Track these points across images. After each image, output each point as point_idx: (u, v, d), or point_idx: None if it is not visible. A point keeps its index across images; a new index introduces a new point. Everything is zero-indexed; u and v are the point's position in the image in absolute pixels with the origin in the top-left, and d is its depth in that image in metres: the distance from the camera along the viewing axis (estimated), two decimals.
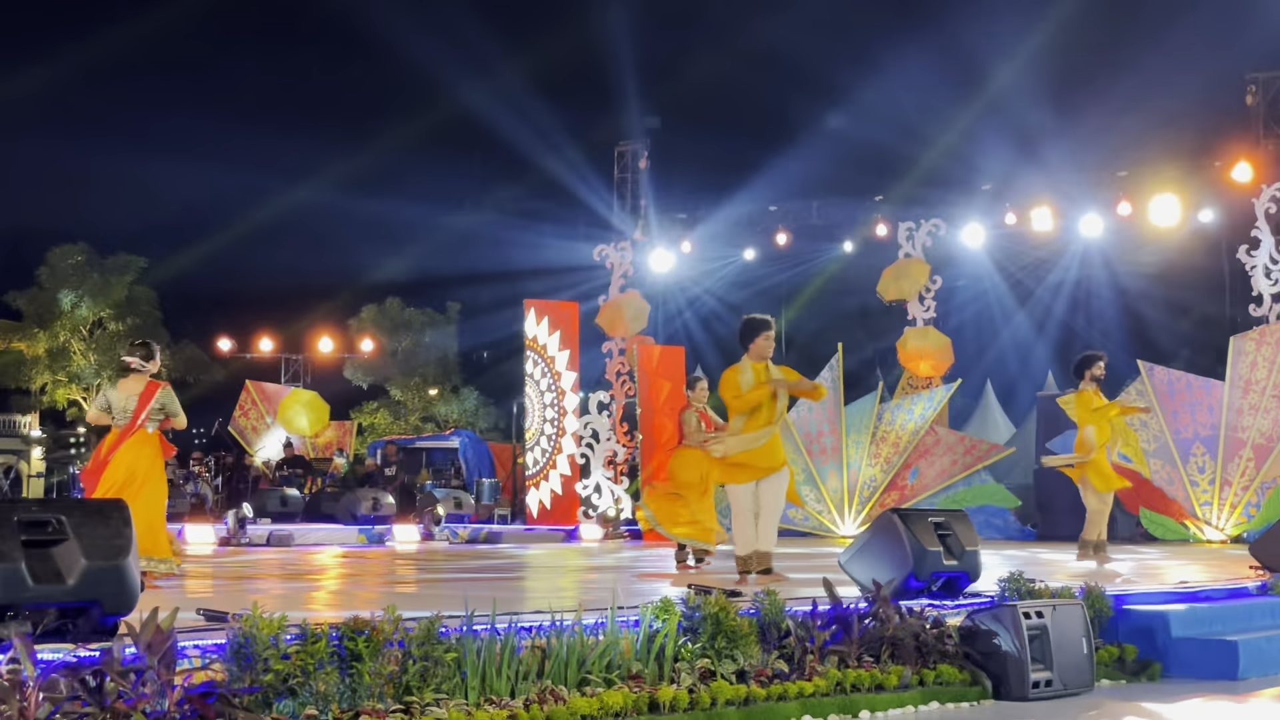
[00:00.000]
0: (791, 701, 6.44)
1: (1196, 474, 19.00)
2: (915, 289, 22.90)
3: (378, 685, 5.44)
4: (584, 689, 5.92)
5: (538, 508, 23.46)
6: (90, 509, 5.81)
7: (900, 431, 21.19)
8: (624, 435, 23.73)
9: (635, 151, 26.01)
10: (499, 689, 5.74)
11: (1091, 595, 8.31)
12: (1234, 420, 18.84)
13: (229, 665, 5.23)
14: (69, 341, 45.48)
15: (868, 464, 21.26)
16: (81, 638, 5.38)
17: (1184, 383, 19.40)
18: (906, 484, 21.11)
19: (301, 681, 5.25)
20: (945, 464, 20.99)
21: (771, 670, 6.57)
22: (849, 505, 21.29)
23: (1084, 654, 7.64)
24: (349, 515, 22.53)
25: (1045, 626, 7.46)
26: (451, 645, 5.72)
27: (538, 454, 23.54)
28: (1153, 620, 8.45)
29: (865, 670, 6.89)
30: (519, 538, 21.38)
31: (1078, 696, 7.49)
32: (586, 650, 6.10)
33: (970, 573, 8.59)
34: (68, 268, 45.31)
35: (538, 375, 23.65)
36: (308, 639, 5.31)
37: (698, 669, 6.33)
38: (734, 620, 6.57)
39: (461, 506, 25.26)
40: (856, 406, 21.69)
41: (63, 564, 5.52)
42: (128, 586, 5.66)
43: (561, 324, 23.50)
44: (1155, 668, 8.25)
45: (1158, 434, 19.22)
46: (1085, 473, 13.53)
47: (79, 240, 45.83)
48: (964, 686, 7.27)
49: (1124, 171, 22.24)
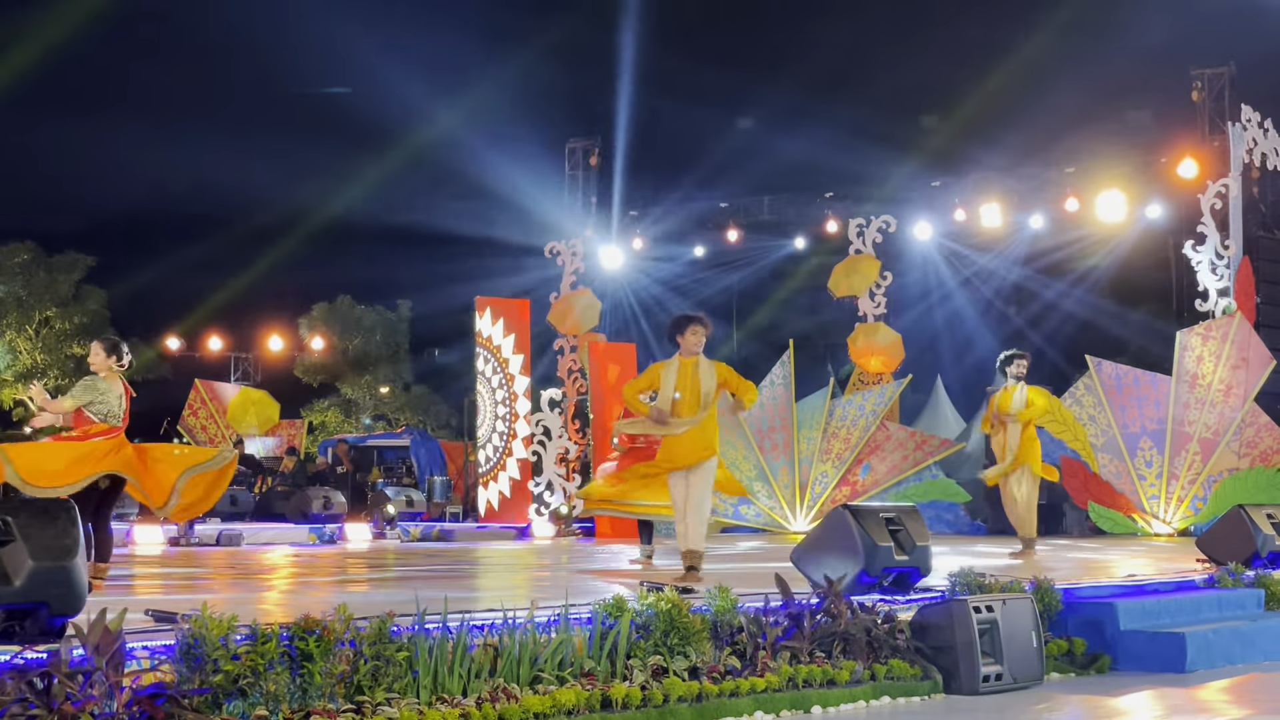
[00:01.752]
0: (744, 698, 6.46)
1: (1144, 468, 19.16)
2: (865, 285, 23.01)
3: (329, 685, 5.43)
4: (536, 687, 5.92)
5: (489, 505, 23.41)
6: (37, 510, 5.77)
7: (851, 427, 21.25)
8: (576, 432, 23.71)
9: (586, 148, 26.00)
10: (451, 688, 5.73)
11: (1041, 589, 8.37)
12: (1181, 414, 19.00)
13: (178, 666, 5.21)
14: (15, 340, 45.09)
15: (819, 460, 21.32)
16: (29, 639, 5.34)
17: (1131, 377, 19.55)
18: (858, 479, 21.18)
19: (252, 682, 5.23)
20: (896, 459, 21.08)
21: (724, 667, 6.59)
22: (800, 501, 21.35)
23: (1034, 647, 7.70)
24: (300, 514, 22.40)
25: (995, 621, 7.52)
26: (403, 644, 5.71)
27: (489, 451, 23.47)
28: (1101, 613, 8.52)
29: (817, 665, 6.92)
30: (471, 535, 21.32)
31: (1028, 689, 7.54)
32: (539, 648, 6.11)
33: (921, 568, 8.64)
34: (14, 266, 44.93)
35: (489, 373, 23.60)
36: (258, 639, 5.29)
37: (650, 666, 6.34)
38: (686, 617, 6.58)
39: (413, 504, 25.16)
40: (808, 402, 21.74)
41: (9, 565, 5.48)
42: (75, 587, 5.62)
43: (513, 321, 23.44)
44: (1104, 660, 8.31)
45: (1105, 428, 19.36)
46: (1026, 465, 13.86)
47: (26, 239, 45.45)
48: (915, 681, 7.31)
49: (1071, 168, 22.41)
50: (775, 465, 21.49)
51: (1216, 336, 18.94)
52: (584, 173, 25.92)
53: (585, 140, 26.18)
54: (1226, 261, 19.69)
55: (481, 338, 23.64)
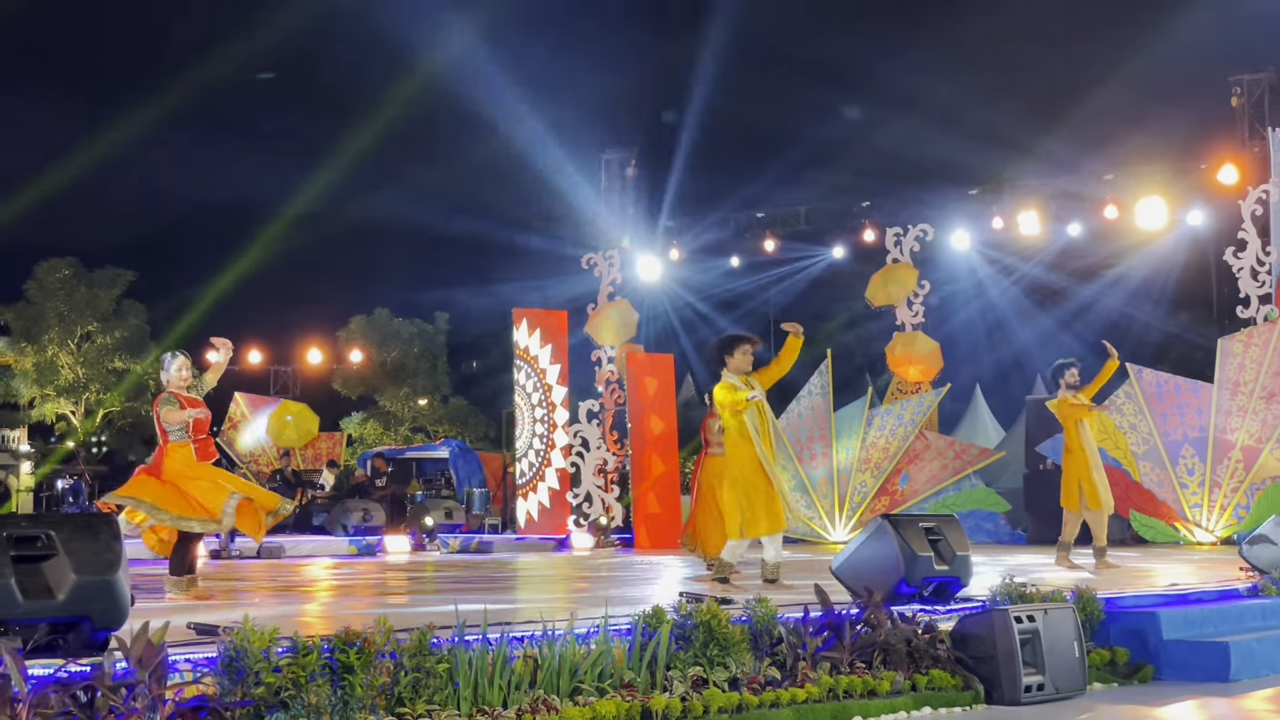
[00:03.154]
0: (784, 708, 6.44)
1: (1186, 476, 19.03)
2: (903, 294, 22.93)
3: (370, 697, 5.44)
4: (576, 698, 5.91)
5: (528, 517, 23.44)
6: (80, 524, 5.80)
7: (890, 437, 21.20)
8: (614, 443, 23.72)
9: (622, 159, 26.00)
10: (491, 699, 5.73)
11: (1083, 599, 8.32)
12: (1222, 422, 18.87)
13: (220, 679, 5.22)
14: (57, 355, 45.37)
15: (858, 469, 21.27)
16: (72, 653, 5.37)
17: (1172, 385, 19.43)
18: (897, 489, 21.12)
19: (293, 694, 5.24)
20: (935, 469, 21.00)
21: (764, 677, 6.57)
22: (840, 511, 21.29)
23: (1076, 657, 7.65)
24: (340, 527, 22.49)
25: (1037, 630, 7.47)
26: (443, 656, 5.72)
27: (528, 463, 23.52)
28: (1144, 623, 8.46)
29: (858, 676, 6.89)
30: (510, 547, 21.35)
31: (1070, 700, 7.50)
32: (579, 659, 6.10)
33: (961, 577, 8.60)
34: (55, 281, 45.24)
35: (527, 384, 23.65)
36: (299, 651, 5.31)
37: (690, 677, 6.32)
38: (726, 628, 6.57)
39: (452, 516, 25.21)
40: (846, 412, 21.70)
41: (53, 579, 5.51)
42: (118, 601, 5.65)
43: (550, 333, 23.49)
44: (1147, 670, 8.26)
45: (1147, 436, 19.25)
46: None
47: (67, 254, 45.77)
48: (956, 691, 7.28)
49: (1110, 175, 22.29)
50: (814, 475, 21.45)
51: (1258, 343, 18.80)
52: (620, 183, 25.92)
53: (622, 151, 26.19)
54: (1268, 268, 19.55)
55: (519, 349, 23.70)
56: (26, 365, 45.57)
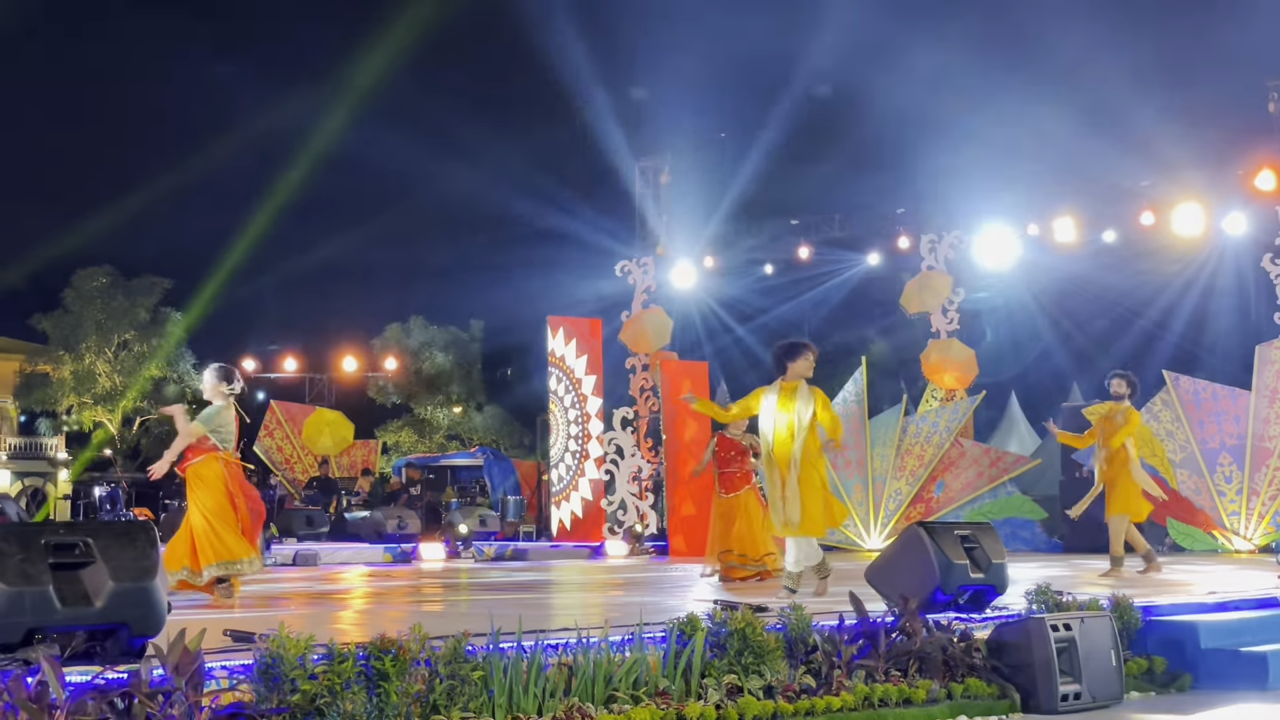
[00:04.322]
0: (819, 716, 6.43)
1: (1223, 484, 18.91)
2: (938, 301, 22.83)
3: (405, 704, 5.45)
4: (611, 706, 5.92)
5: (562, 525, 23.46)
6: (117, 531, 5.83)
7: (925, 444, 21.13)
8: (648, 451, 23.71)
9: (657, 166, 25.99)
10: (526, 707, 5.74)
11: (1120, 607, 8.28)
12: (1260, 429, 18.74)
13: (256, 686, 5.25)
14: (94, 363, 45.67)
15: (893, 477, 21.21)
16: (109, 659, 5.40)
17: (1210, 392, 19.31)
18: (932, 497, 21.05)
19: (329, 701, 5.26)
20: (971, 476, 20.93)
21: (799, 685, 6.56)
22: (874, 519, 21.23)
23: (1112, 666, 7.61)
24: (375, 534, 22.55)
25: (1073, 639, 7.44)
26: (478, 664, 5.73)
27: (562, 470, 23.54)
28: (1181, 631, 8.41)
29: (893, 684, 6.88)
30: (545, 554, 21.38)
31: (1107, 709, 7.46)
32: (613, 667, 6.10)
33: (997, 585, 8.57)
34: (92, 290, 45.55)
35: (562, 392, 23.67)
36: (335, 659, 5.33)
37: (725, 685, 6.32)
38: (760, 636, 6.56)
39: (486, 524, 25.26)
40: (881, 419, 21.64)
41: (90, 586, 5.54)
42: (155, 608, 5.68)
43: (585, 341, 23.52)
44: (1185, 679, 8.21)
45: (1184, 444, 19.14)
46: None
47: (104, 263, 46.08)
48: (992, 700, 7.25)
49: (1146, 181, 22.16)
50: (849, 482, 21.39)
51: None
52: (655, 191, 25.92)
53: (656, 158, 26.19)
54: None
55: (554, 357, 23.74)
56: (64, 373, 45.89)
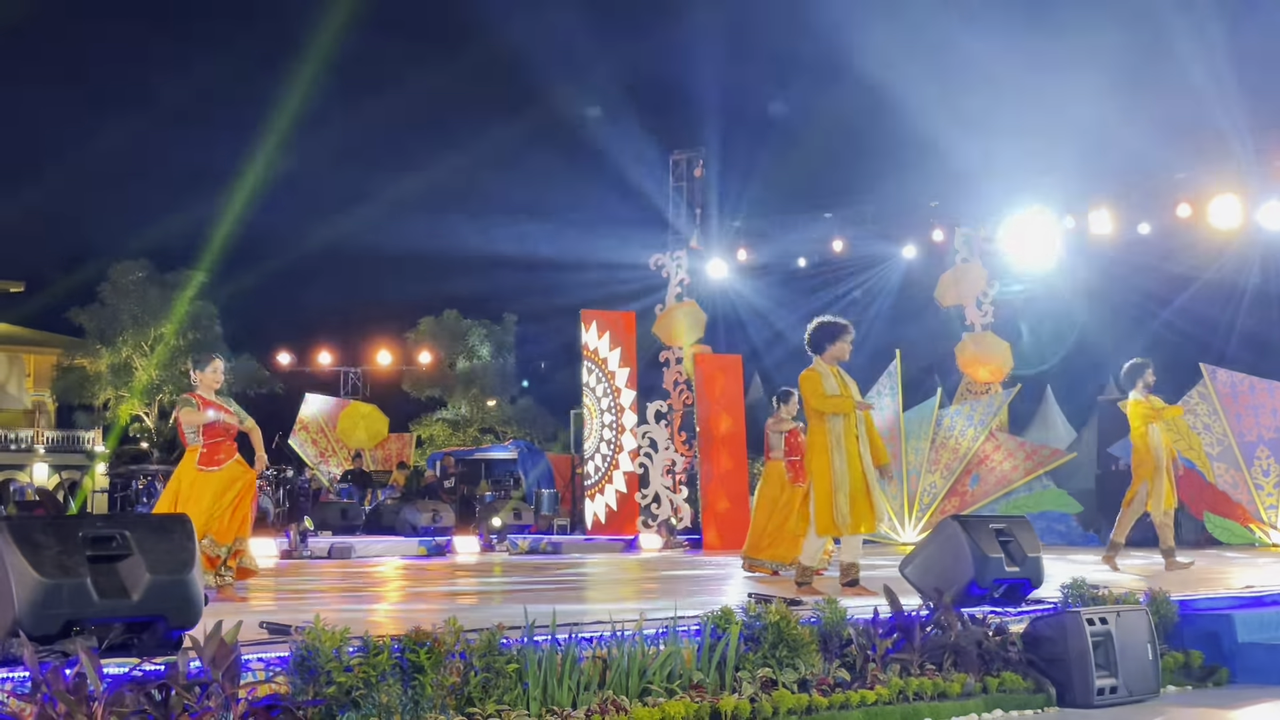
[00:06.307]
0: (854, 710, 6.42)
1: (1261, 477, 18.80)
2: (973, 294, 22.76)
3: (440, 697, 5.46)
4: (645, 699, 5.92)
5: (596, 518, 23.49)
6: (154, 524, 5.86)
7: (960, 437, 21.07)
8: (682, 444, 23.70)
9: (691, 159, 25.96)
10: (561, 700, 5.75)
11: (1156, 601, 8.24)
12: None
13: (292, 678, 5.27)
14: (131, 357, 45.91)
15: (928, 470, 21.15)
16: (147, 652, 5.42)
17: (1247, 385, 19.20)
18: (967, 490, 20.99)
19: (364, 693, 5.28)
20: (1006, 470, 20.86)
21: (833, 679, 6.55)
22: (909, 512, 21.19)
23: (1149, 660, 7.58)
24: (409, 527, 22.61)
25: (1109, 633, 7.41)
26: (513, 656, 5.74)
27: (596, 464, 23.56)
28: (1218, 625, 8.36)
29: (928, 678, 6.86)
30: (579, 548, 21.40)
31: (1143, 703, 7.43)
32: (648, 660, 6.10)
33: (1032, 579, 8.54)
34: (129, 283, 45.78)
35: (595, 385, 23.68)
36: (370, 651, 5.34)
37: (759, 678, 6.32)
38: (795, 629, 6.55)
39: (520, 517, 25.29)
40: (915, 413, 21.59)
41: (128, 579, 5.56)
42: (192, 600, 5.70)
43: (619, 334, 23.52)
44: (1222, 673, 8.17)
45: (1221, 437, 19.04)
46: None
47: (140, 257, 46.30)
48: (1028, 694, 7.23)
49: (1182, 173, 22.02)
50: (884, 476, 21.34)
51: None
52: (688, 184, 25.88)
53: (689, 151, 26.15)
54: None
55: (588, 350, 23.75)
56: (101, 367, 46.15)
